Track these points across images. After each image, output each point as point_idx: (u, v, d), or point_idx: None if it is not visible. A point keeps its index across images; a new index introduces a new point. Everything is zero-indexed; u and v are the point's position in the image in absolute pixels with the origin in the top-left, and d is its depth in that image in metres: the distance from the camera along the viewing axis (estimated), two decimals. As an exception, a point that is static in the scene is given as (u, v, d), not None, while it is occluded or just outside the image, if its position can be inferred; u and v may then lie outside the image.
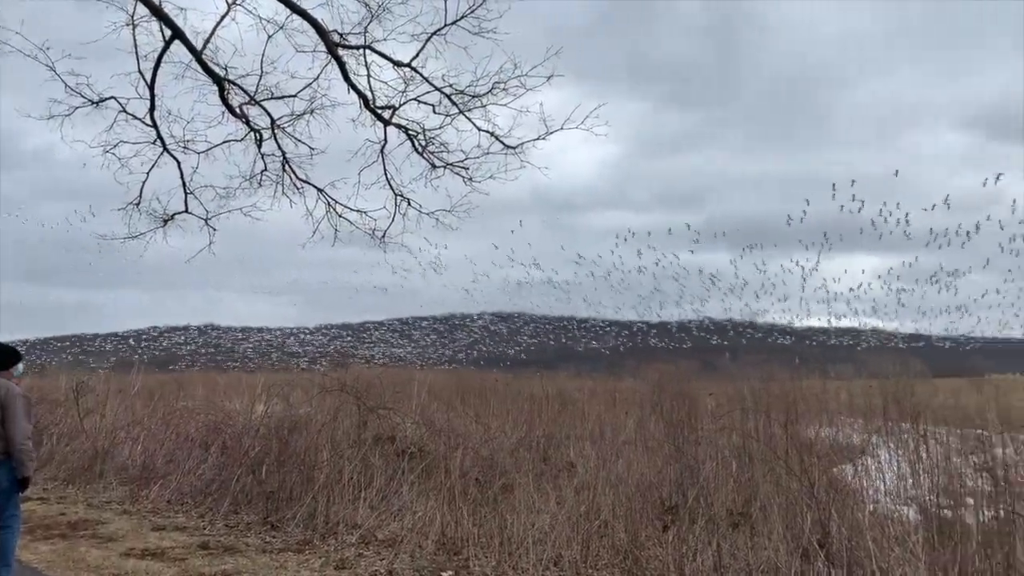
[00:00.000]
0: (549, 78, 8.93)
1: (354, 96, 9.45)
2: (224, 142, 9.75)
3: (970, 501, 6.29)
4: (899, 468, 8.12)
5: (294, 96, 9.62)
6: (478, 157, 9.70)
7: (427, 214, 10.11)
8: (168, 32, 8.55)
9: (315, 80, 9.41)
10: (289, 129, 9.80)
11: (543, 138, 9.41)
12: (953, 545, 5.26)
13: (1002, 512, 5.41)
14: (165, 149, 9.58)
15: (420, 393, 12.26)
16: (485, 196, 9.88)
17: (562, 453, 10.24)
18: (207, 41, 8.81)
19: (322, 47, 9.05)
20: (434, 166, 9.83)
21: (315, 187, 10.11)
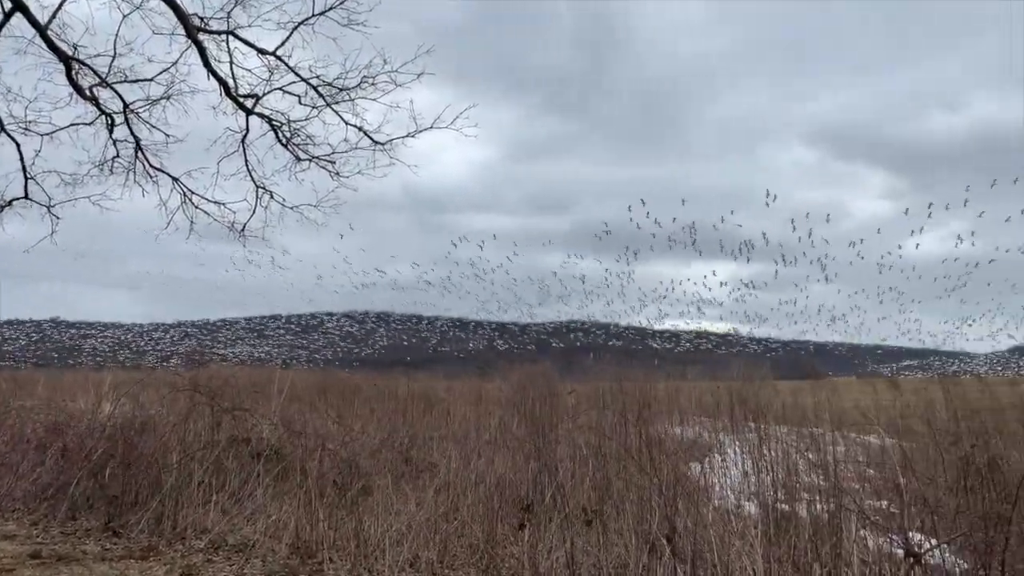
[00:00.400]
0: (420, 75, 8.89)
1: (215, 83, 9.09)
2: (71, 125, 9.14)
3: (805, 496, 6.67)
4: (743, 465, 8.54)
5: (150, 80, 9.15)
6: (345, 152, 9.54)
7: (291, 208, 9.85)
8: (8, 3, 7.95)
9: (173, 65, 8.98)
10: (144, 114, 9.32)
11: (413, 136, 9.37)
12: (788, 538, 5.57)
13: (832, 506, 5.77)
14: (2, 129, 8.89)
15: (280, 393, 11.90)
16: (353, 192, 9.74)
17: (425, 454, 10.20)
18: (53, 16, 8.24)
19: (181, 30, 8.65)
20: (299, 159, 9.60)
21: (170, 176, 9.65)
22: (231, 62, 9.00)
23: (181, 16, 8.51)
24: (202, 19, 8.69)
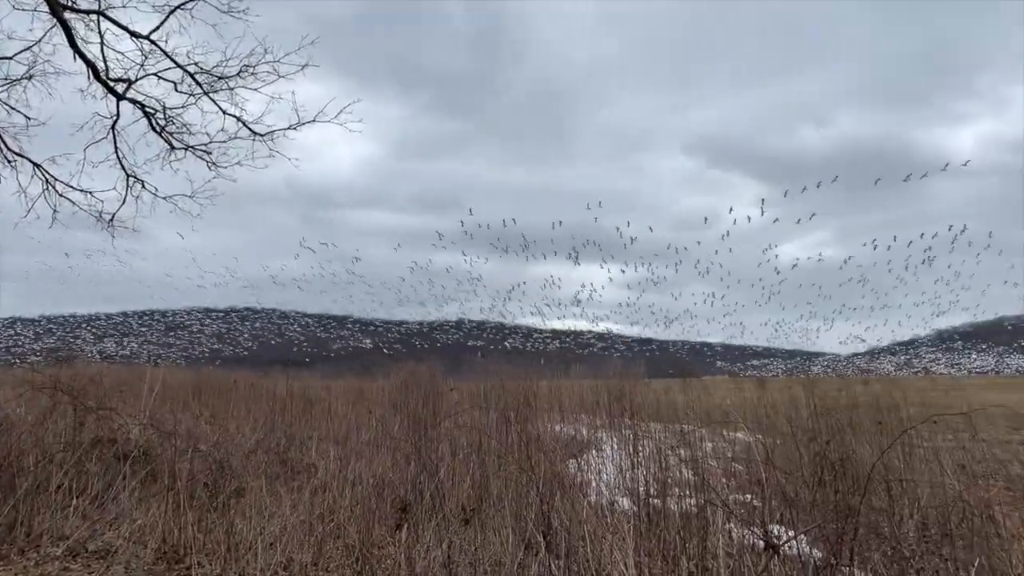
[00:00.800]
0: (304, 67, 8.70)
1: (82, 65, 8.60)
2: (-82, 104, 8.49)
3: (677, 491, 6.90)
4: (619, 461, 8.75)
5: (10, 58, 8.60)
6: (223, 142, 9.23)
7: (164, 198, 9.44)
8: None
9: (37, 43, 8.46)
10: (2, 95, 8.74)
11: (295, 128, 9.16)
12: (659, 532, 5.75)
13: (700, 501, 5.99)
14: None
15: (151, 392, 11.38)
16: (232, 183, 9.43)
17: (303, 455, 9.97)
18: None
19: (45, 7, 8.15)
20: (173, 147, 9.21)
21: (31, 161, 9.08)
22: (102, 44, 8.56)
23: (45, -9, 8.02)
24: (70, -4, 8.22)
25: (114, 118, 8.97)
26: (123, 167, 9.25)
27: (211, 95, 8.91)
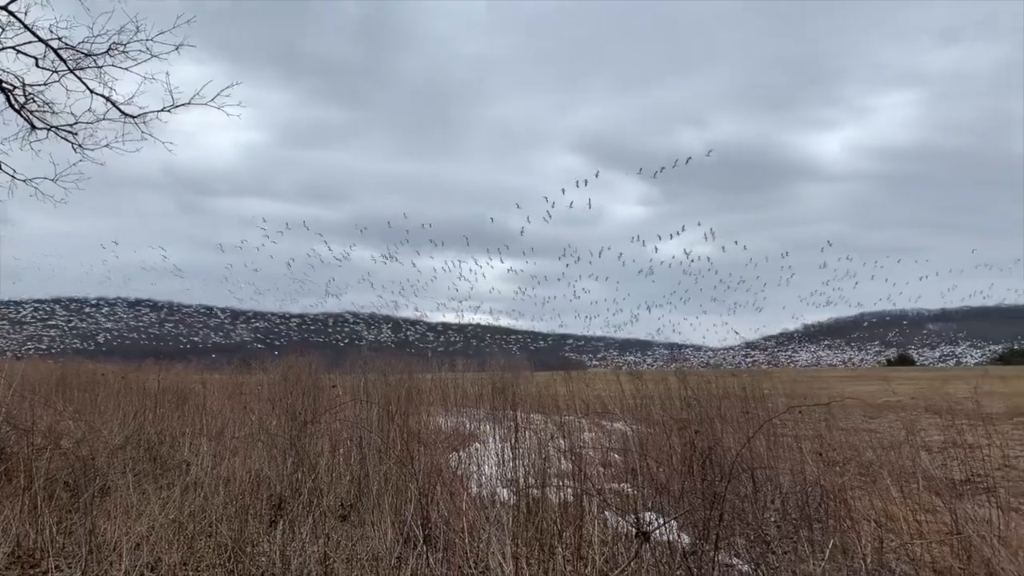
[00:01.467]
0: (179, 47, 8.34)
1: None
2: None
3: (556, 481, 7.01)
4: (501, 453, 8.82)
5: None
6: (91, 123, 8.74)
7: (23, 181, 8.86)
8: None
9: None
10: None
11: (168, 110, 8.78)
12: (537, 521, 5.83)
13: (577, 490, 6.11)
14: None
15: (9, 387, 10.65)
16: (101, 167, 8.94)
17: (175, 451, 9.57)
18: None
19: None
20: (35, 127, 8.65)
21: None
22: (-51, 12, 7.94)
23: None
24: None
25: (-36, 93, 8.36)
26: (-25, 146, 8.64)
27: (77, 72, 8.41)
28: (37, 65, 8.34)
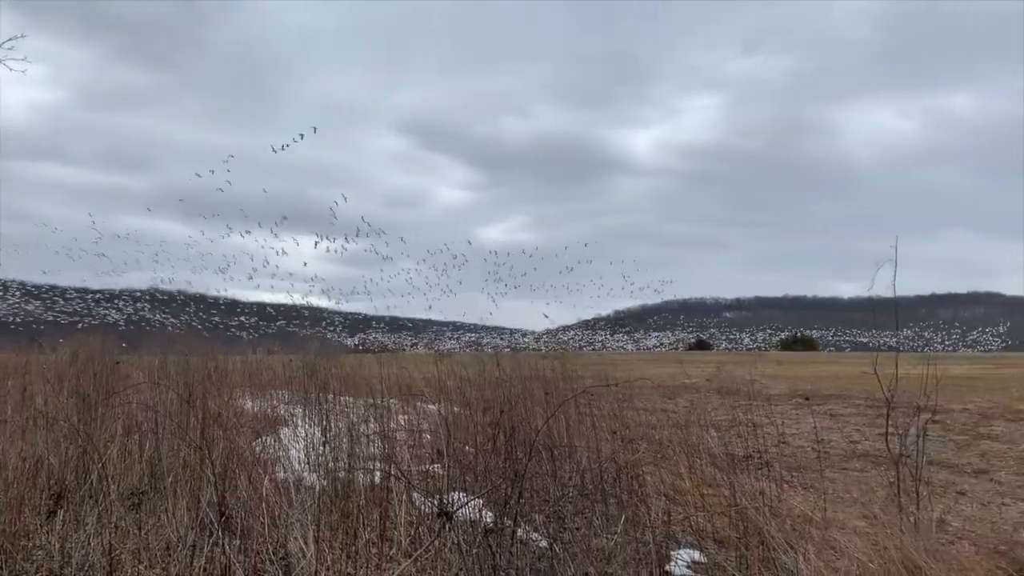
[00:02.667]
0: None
1: None
2: None
3: (368, 465, 6.94)
4: (311, 436, 8.61)
5: None
6: None
7: None
8: None
9: None
10: None
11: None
12: (344, 505, 5.75)
13: (386, 472, 6.08)
14: None
15: None
16: None
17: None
18: None
19: None
20: None
21: None
22: None
23: None
24: None
25: None
26: None
27: None
28: None
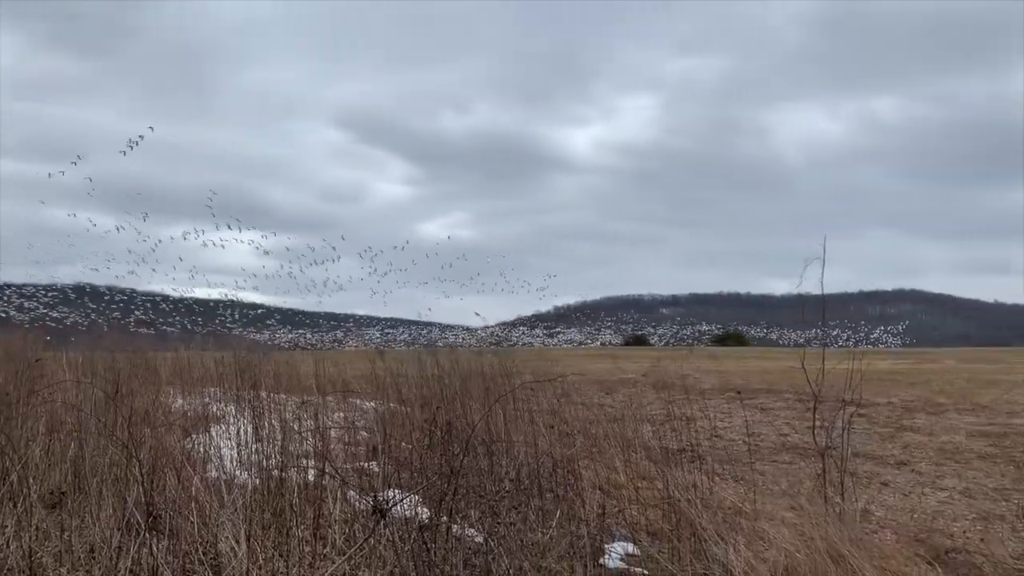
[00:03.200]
0: None
1: None
2: None
3: (303, 463, 6.84)
4: (244, 434, 8.46)
5: None
6: None
7: None
8: None
9: None
10: None
11: None
12: (278, 503, 5.66)
13: (321, 470, 6.00)
14: None
15: None
16: None
17: None
18: None
19: None
20: None
21: None
22: None
23: None
24: None
25: None
26: None
27: None
28: None
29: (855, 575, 4.06)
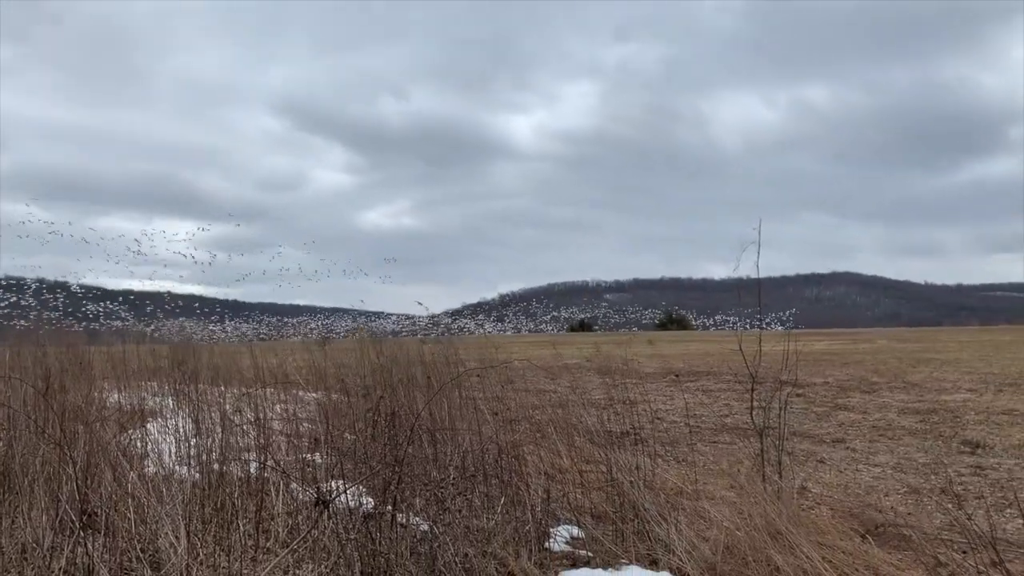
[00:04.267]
0: None
1: None
2: None
3: (245, 456, 6.75)
4: (183, 429, 8.30)
5: None
6: None
7: None
8: None
9: None
10: None
11: None
12: (218, 498, 5.58)
13: (262, 463, 5.93)
14: None
15: None
16: None
17: None
18: None
19: None
20: None
21: None
22: None
23: None
24: None
25: None
26: None
27: None
28: None
29: (793, 551, 4.18)
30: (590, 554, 4.89)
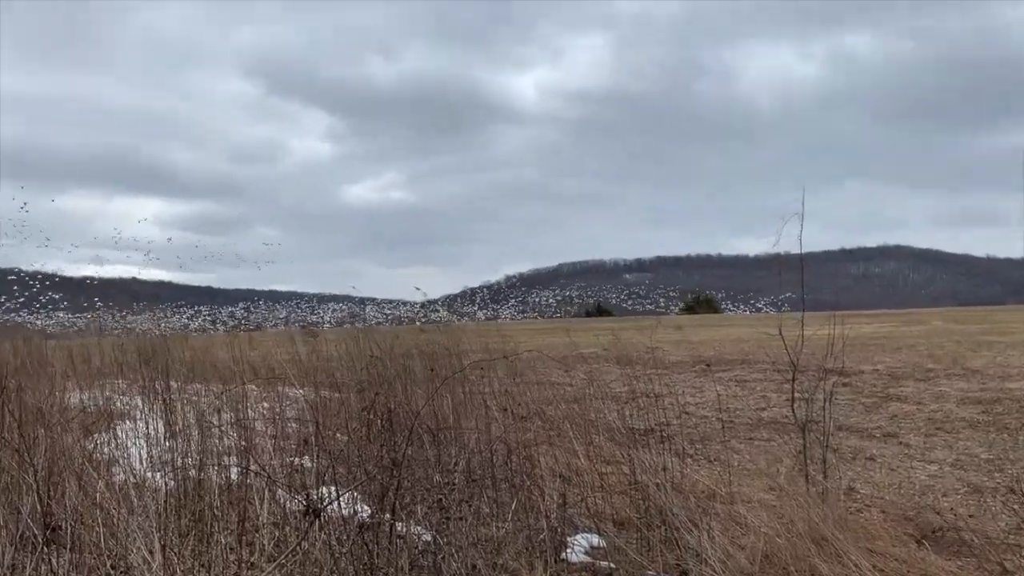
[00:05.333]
0: None
1: None
2: None
3: (224, 460, 6.79)
4: (154, 431, 8.36)
5: None
6: None
7: None
8: None
9: None
10: None
11: None
12: (196, 507, 5.62)
13: (244, 468, 5.96)
14: None
15: None
16: None
17: None
18: None
19: None
20: None
21: None
22: None
23: None
24: None
25: None
26: None
27: None
28: None
29: (839, 559, 4.20)
30: (612, 565, 4.92)
